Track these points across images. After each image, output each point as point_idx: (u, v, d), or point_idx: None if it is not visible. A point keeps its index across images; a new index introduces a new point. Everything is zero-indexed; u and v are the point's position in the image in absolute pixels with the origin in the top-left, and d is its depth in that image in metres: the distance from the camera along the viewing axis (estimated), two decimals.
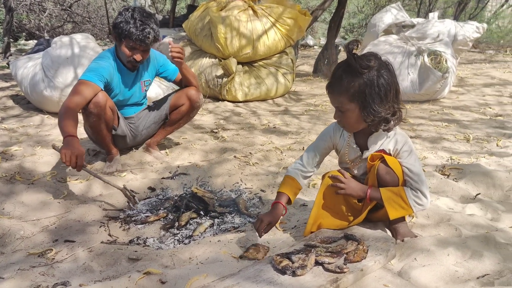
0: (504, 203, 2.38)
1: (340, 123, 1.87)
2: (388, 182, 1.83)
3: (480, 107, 5.10)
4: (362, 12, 15.63)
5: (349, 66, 1.71)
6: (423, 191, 1.81)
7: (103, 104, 2.68)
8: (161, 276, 1.64)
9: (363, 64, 1.68)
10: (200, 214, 2.29)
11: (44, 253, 1.90)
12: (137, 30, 2.65)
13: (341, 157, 2.01)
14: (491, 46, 11.96)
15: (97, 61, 2.77)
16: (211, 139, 3.73)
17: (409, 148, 1.83)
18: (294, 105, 5.42)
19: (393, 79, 1.74)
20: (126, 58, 2.77)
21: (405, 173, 1.82)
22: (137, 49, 2.74)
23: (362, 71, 1.69)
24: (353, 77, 1.71)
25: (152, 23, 2.71)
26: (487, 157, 3.20)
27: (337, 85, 1.75)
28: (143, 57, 2.79)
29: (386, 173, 1.81)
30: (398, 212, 1.84)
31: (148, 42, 2.70)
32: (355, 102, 1.73)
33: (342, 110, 1.78)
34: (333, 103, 1.82)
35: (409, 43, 5.52)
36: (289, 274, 1.54)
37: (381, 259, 1.65)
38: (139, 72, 2.96)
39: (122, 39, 2.72)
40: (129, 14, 2.67)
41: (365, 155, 1.89)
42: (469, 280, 1.61)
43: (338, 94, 1.76)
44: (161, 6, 15.04)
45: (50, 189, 2.56)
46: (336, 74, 1.76)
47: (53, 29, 10.95)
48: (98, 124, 2.76)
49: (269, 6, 5.49)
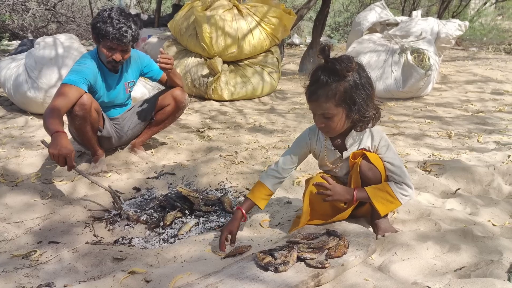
0: (483, 198, 2.44)
1: (324, 129, 1.82)
2: (370, 179, 1.85)
3: (462, 104, 5.19)
4: (347, 11, 15.73)
5: (331, 70, 1.68)
6: (407, 183, 1.85)
7: (88, 106, 2.67)
8: (146, 275, 1.66)
9: (347, 67, 1.66)
10: (185, 213, 2.31)
11: (28, 254, 1.90)
12: (113, 29, 2.62)
13: (320, 160, 2.01)
14: (474, 43, 12.14)
15: (79, 64, 2.75)
16: (197, 138, 3.74)
17: (386, 142, 1.86)
18: (280, 103, 5.45)
19: (371, 78, 1.77)
20: (105, 59, 2.75)
21: (387, 168, 1.85)
22: (116, 49, 2.71)
23: (346, 74, 1.68)
24: (338, 82, 1.69)
25: (130, 22, 2.69)
26: (468, 153, 3.27)
27: (322, 91, 1.70)
28: (123, 57, 2.77)
29: (369, 169, 1.83)
30: (387, 207, 1.86)
31: (125, 41, 2.67)
32: (341, 106, 1.72)
33: (328, 116, 1.75)
34: (316, 110, 1.77)
35: (392, 41, 5.59)
36: (271, 270, 1.57)
37: (361, 254, 1.69)
38: (122, 73, 2.95)
39: (100, 40, 2.69)
40: (106, 14, 2.66)
41: (345, 156, 1.90)
42: (446, 273, 1.65)
43: (324, 101, 1.71)
44: (146, 5, 14.97)
45: (35, 191, 2.55)
46: (320, 80, 1.71)
47: (37, 29, 10.83)
48: (83, 126, 2.75)
49: (254, 5, 5.52)
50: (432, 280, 1.58)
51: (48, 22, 11.37)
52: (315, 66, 1.77)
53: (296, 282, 1.50)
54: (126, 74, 2.98)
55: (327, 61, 1.70)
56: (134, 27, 2.70)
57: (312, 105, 1.77)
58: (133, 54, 2.98)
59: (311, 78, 1.76)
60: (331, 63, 1.68)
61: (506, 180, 2.66)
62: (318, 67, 1.75)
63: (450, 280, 1.56)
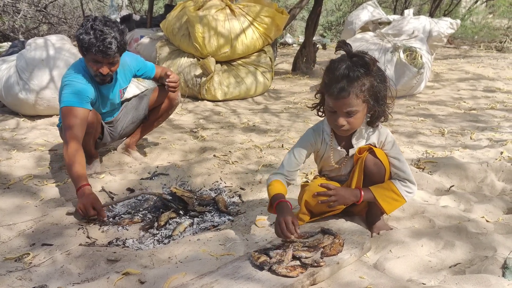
0: (477, 194, 2.46)
1: (344, 128, 1.72)
2: (374, 174, 1.82)
3: (455, 102, 5.22)
4: (340, 10, 15.77)
5: (360, 63, 1.61)
6: (411, 179, 1.84)
7: (96, 123, 2.68)
8: (140, 276, 1.65)
9: (374, 58, 1.62)
10: (179, 213, 2.30)
11: (21, 257, 1.88)
12: (97, 41, 2.42)
13: (324, 161, 1.95)
14: (466, 41, 12.23)
15: (73, 81, 2.60)
16: (190, 138, 3.73)
17: (392, 139, 1.85)
18: (273, 103, 5.45)
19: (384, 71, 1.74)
20: (92, 73, 2.59)
21: (393, 164, 1.83)
22: (102, 62, 2.53)
23: (374, 67, 1.63)
24: (366, 76, 1.63)
25: (115, 32, 2.48)
26: (461, 150, 3.28)
27: (353, 86, 1.62)
28: (111, 70, 2.58)
29: (374, 164, 1.80)
30: (392, 205, 1.84)
31: (111, 53, 2.47)
32: (367, 101, 1.68)
33: (353, 113, 1.68)
34: (342, 108, 1.67)
35: (385, 40, 5.60)
36: (266, 269, 1.56)
37: (356, 252, 1.69)
38: (117, 81, 2.85)
39: (85, 53, 2.52)
40: (89, 24, 2.46)
41: (351, 153, 1.86)
42: (441, 270, 1.66)
43: (355, 97, 1.63)
44: (138, 6, 14.90)
45: (27, 193, 2.53)
46: (350, 75, 1.61)
47: (28, 30, 10.74)
48: (87, 139, 2.70)
49: (247, 5, 5.51)
50: (427, 277, 1.59)
51: (39, 23, 11.29)
52: (334, 62, 1.69)
53: (291, 280, 1.49)
54: (120, 81, 2.89)
55: (353, 55, 1.64)
56: (119, 37, 2.50)
57: (339, 103, 1.66)
58: (125, 59, 2.86)
59: (334, 74, 1.65)
60: (360, 56, 1.62)
61: (499, 177, 2.68)
62: (341, 62, 1.65)
63: (445, 277, 1.57)
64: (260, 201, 2.45)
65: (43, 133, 3.77)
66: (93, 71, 2.58)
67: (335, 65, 1.67)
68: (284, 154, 3.21)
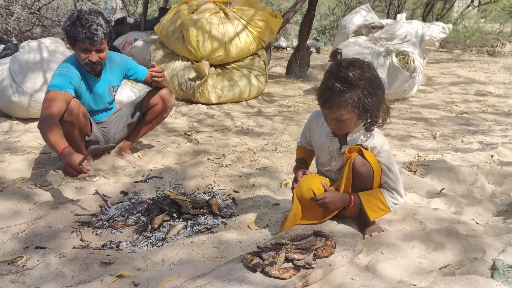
0: (467, 197, 2.49)
1: (335, 130, 1.87)
2: (363, 175, 1.84)
3: (447, 105, 5.27)
4: (333, 14, 15.84)
5: (344, 79, 1.68)
6: (399, 191, 1.88)
7: (76, 111, 2.66)
8: (134, 279, 1.66)
9: (360, 75, 1.66)
10: (173, 216, 2.31)
11: (14, 260, 1.88)
12: (83, 29, 2.57)
13: (319, 148, 2.01)
14: (458, 45, 12.33)
15: (61, 69, 2.71)
16: (184, 141, 3.74)
17: (387, 148, 1.88)
18: (267, 106, 5.47)
19: (382, 81, 1.78)
20: (82, 62, 2.71)
21: (384, 171, 1.86)
22: (90, 50, 2.65)
23: (359, 83, 1.68)
24: (350, 90, 1.69)
25: (100, 20, 2.62)
26: (452, 153, 3.32)
27: (336, 99, 1.71)
28: (100, 58, 2.71)
29: (362, 165, 1.83)
30: (377, 214, 1.90)
31: (98, 39, 2.61)
32: (354, 112, 1.74)
33: (341, 120, 1.77)
34: (329, 115, 1.79)
35: (378, 44, 5.65)
36: (259, 271, 1.58)
37: (348, 254, 1.71)
38: (106, 77, 2.92)
39: (73, 43, 2.65)
40: (75, 16, 2.61)
41: (343, 150, 1.90)
42: (432, 271, 1.68)
43: (337, 108, 1.72)
44: (132, 9, 14.89)
45: (20, 196, 2.52)
46: (334, 88, 1.70)
47: (22, 33, 10.69)
48: (72, 131, 2.72)
49: (240, 8, 5.53)
50: (417, 279, 1.61)
51: (32, 26, 11.24)
52: (327, 72, 1.76)
53: (284, 282, 1.51)
54: (110, 78, 2.95)
55: (339, 69, 1.69)
56: (104, 24, 2.64)
57: (325, 111, 1.79)
58: (116, 57, 2.97)
59: (323, 84, 1.76)
60: (344, 72, 1.67)
61: (489, 180, 2.71)
62: (331, 74, 1.73)
63: (435, 278, 1.60)
64: (254, 204, 2.46)
65: (37, 136, 3.75)
66: (83, 60, 2.69)
67: (325, 77, 1.76)
68: (278, 157, 3.25)
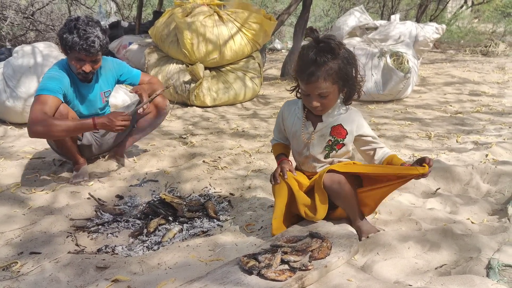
0: (462, 197, 2.49)
1: (318, 108, 1.84)
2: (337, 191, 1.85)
3: (441, 105, 5.29)
4: (327, 15, 15.90)
5: (326, 49, 1.72)
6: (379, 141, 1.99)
7: (65, 116, 2.63)
8: (130, 283, 1.65)
9: (340, 43, 1.73)
10: (169, 220, 2.30)
11: (8, 266, 1.87)
12: (80, 40, 2.52)
13: (294, 134, 2.00)
14: (452, 46, 12.40)
15: (52, 72, 2.68)
16: (179, 144, 3.73)
17: (363, 120, 1.96)
18: (262, 108, 5.48)
19: (353, 52, 1.84)
20: (75, 70, 2.68)
21: (369, 141, 1.94)
22: (84, 60, 2.62)
23: (340, 51, 1.74)
24: (333, 60, 1.74)
25: (98, 31, 2.59)
26: (447, 153, 3.33)
27: (321, 71, 1.73)
28: (93, 68, 2.68)
29: (332, 183, 1.84)
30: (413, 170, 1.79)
31: (94, 52, 2.58)
32: (337, 83, 1.79)
33: (325, 95, 1.79)
34: (314, 91, 1.78)
35: (372, 45, 5.67)
36: (255, 274, 1.58)
37: (344, 255, 1.71)
38: (98, 83, 2.88)
39: (68, 51, 2.61)
40: (72, 24, 2.56)
41: (318, 127, 1.92)
42: (428, 271, 1.69)
43: (323, 80, 1.74)
44: (127, 12, 14.87)
45: (15, 201, 2.51)
46: (317, 61, 1.73)
47: (15, 37, 10.65)
48: None
49: (235, 11, 5.54)
50: (413, 279, 1.61)
51: (26, 30, 11.20)
52: (304, 48, 1.80)
53: (280, 284, 1.51)
54: (101, 84, 2.90)
55: (320, 41, 1.74)
56: (102, 36, 2.61)
57: (310, 86, 1.78)
58: (109, 62, 2.93)
59: (303, 60, 1.78)
60: (326, 42, 1.73)
61: (484, 179, 2.72)
62: (309, 48, 1.77)
63: (431, 278, 1.60)
64: (250, 206, 2.46)
65: (31, 141, 3.73)
66: (76, 69, 2.67)
67: (304, 52, 1.79)
68: (273, 159, 3.23)
